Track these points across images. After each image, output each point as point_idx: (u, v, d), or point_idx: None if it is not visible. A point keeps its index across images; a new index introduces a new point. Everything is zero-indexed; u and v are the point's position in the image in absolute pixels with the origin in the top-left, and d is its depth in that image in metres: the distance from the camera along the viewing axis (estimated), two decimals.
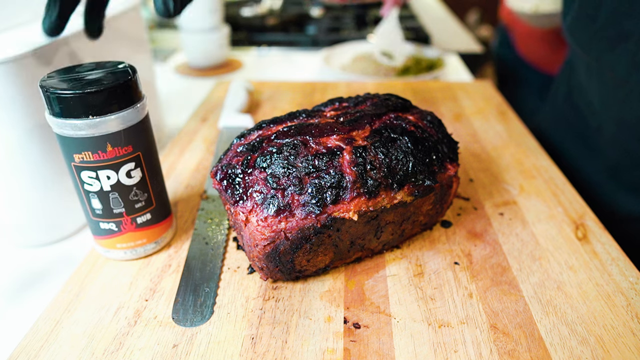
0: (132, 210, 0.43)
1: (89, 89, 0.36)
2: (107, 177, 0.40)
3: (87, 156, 0.39)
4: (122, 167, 0.40)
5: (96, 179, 0.40)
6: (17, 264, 0.50)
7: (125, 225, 0.43)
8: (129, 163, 0.40)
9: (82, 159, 0.39)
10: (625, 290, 0.41)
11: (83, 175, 0.40)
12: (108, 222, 0.43)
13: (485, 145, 0.67)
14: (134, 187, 0.42)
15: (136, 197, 0.42)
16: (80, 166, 0.39)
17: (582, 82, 0.72)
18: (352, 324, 0.39)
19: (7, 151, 0.46)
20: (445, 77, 1.02)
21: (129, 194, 0.42)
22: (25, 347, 0.37)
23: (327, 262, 0.43)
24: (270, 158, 0.39)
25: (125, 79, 0.38)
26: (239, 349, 0.37)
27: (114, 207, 0.42)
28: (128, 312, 0.40)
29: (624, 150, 0.64)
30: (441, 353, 0.36)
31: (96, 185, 0.40)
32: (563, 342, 0.37)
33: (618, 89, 0.62)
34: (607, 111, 0.66)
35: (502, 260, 0.45)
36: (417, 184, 0.41)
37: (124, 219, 0.43)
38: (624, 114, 0.62)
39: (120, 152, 0.39)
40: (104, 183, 0.40)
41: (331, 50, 1.12)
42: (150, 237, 0.45)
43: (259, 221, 0.38)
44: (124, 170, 0.40)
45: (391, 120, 0.44)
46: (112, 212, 0.42)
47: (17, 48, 0.43)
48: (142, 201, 0.43)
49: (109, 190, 0.41)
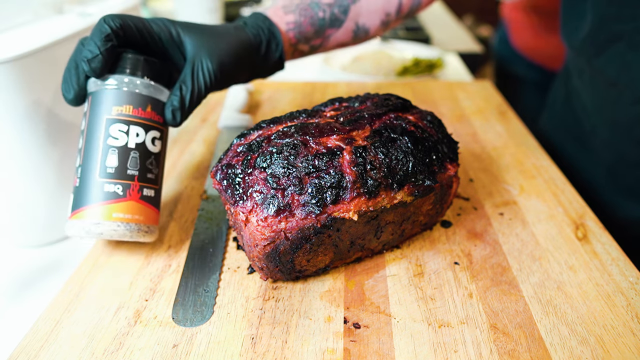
0: (143, 178, 0.43)
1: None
2: (136, 134, 0.43)
3: (127, 109, 0.42)
4: (150, 131, 0.44)
5: (126, 133, 0.42)
6: (17, 264, 0.50)
7: (132, 192, 0.43)
8: (157, 131, 0.44)
9: (120, 111, 0.42)
10: (625, 290, 0.41)
11: (112, 129, 0.42)
12: (116, 183, 0.42)
13: (485, 145, 0.67)
14: (152, 155, 0.44)
15: (151, 166, 0.44)
16: (115, 118, 0.42)
17: (577, 85, 0.72)
18: (352, 324, 0.39)
19: (7, 151, 0.46)
20: (445, 77, 1.02)
21: (147, 160, 0.44)
22: (25, 347, 0.37)
23: (327, 262, 0.43)
24: (270, 158, 0.39)
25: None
26: (239, 349, 0.37)
27: (130, 167, 0.42)
28: (128, 312, 0.40)
29: (618, 153, 0.64)
30: (441, 353, 0.36)
31: (122, 139, 0.42)
32: (563, 342, 0.37)
33: (609, 91, 0.62)
34: (600, 114, 0.66)
35: (502, 260, 0.45)
36: (417, 184, 0.41)
37: (134, 184, 0.43)
38: (616, 117, 0.62)
39: (155, 117, 0.44)
40: (131, 138, 0.42)
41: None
42: (146, 217, 0.44)
43: (259, 221, 0.38)
44: (151, 135, 0.44)
45: (391, 120, 0.44)
46: (125, 173, 0.42)
47: (17, 48, 0.43)
48: (154, 174, 0.45)
49: (133, 147, 0.43)
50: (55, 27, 0.50)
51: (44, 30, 0.49)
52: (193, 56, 0.45)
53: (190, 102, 0.45)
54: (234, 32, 0.48)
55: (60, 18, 0.54)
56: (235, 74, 0.48)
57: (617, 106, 0.61)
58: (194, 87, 0.45)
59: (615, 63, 0.59)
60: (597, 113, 0.67)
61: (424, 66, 1.02)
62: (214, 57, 0.45)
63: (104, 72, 0.42)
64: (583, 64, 0.68)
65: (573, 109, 0.75)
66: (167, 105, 0.45)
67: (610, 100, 0.62)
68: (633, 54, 0.56)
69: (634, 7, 0.55)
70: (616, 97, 0.61)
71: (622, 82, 0.59)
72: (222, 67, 0.46)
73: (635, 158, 0.61)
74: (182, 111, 0.45)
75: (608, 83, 0.61)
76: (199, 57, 0.45)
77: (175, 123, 0.45)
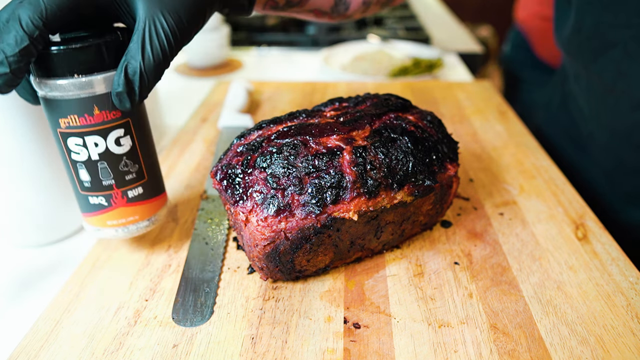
0: (122, 183, 0.40)
1: (75, 45, 0.34)
2: (94, 144, 0.37)
3: (73, 120, 0.36)
4: (110, 133, 0.38)
5: (83, 146, 0.37)
6: (17, 264, 0.50)
7: (116, 199, 0.40)
8: (118, 129, 0.38)
9: (68, 123, 0.36)
10: (625, 290, 0.41)
11: (69, 143, 0.37)
12: (97, 195, 0.40)
13: (485, 145, 0.67)
14: (123, 157, 0.39)
15: (126, 167, 0.40)
16: (66, 132, 0.37)
17: (573, 89, 0.72)
18: (352, 324, 0.39)
19: (7, 151, 0.46)
20: (445, 77, 1.02)
21: (119, 163, 0.39)
22: (25, 347, 0.37)
23: (327, 262, 0.43)
24: (270, 158, 0.39)
25: (113, 37, 0.35)
26: (239, 349, 0.37)
27: (103, 179, 0.39)
28: (128, 312, 0.40)
29: (617, 159, 0.64)
30: (441, 353, 0.36)
31: (83, 153, 0.38)
32: (563, 342, 0.37)
33: (607, 97, 0.62)
34: (597, 119, 0.66)
35: (502, 260, 0.45)
36: (417, 184, 0.41)
37: (114, 192, 0.40)
38: (614, 124, 0.62)
39: (109, 116, 0.37)
40: (91, 151, 0.38)
41: (331, 50, 1.12)
42: (142, 213, 0.42)
43: (259, 221, 0.38)
44: (112, 137, 0.38)
45: (391, 120, 0.44)
46: (101, 184, 0.39)
47: None
48: (133, 173, 0.40)
49: (97, 159, 0.38)
50: None
51: None
52: (144, 16, 0.35)
53: (141, 78, 0.35)
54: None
55: None
56: (202, 14, 0.38)
57: (615, 112, 0.61)
58: (146, 59, 0.34)
59: (611, 70, 0.59)
60: (594, 118, 0.67)
61: (424, 66, 1.02)
62: (171, 5, 0.35)
63: (13, 89, 0.33)
64: (579, 69, 0.68)
65: (569, 112, 0.75)
66: (113, 89, 0.35)
67: (608, 106, 0.62)
68: (629, 61, 0.56)
69: (629, 15, 0.55)
70: (614, 103, 0.61)
71: (619, 88, 0.58)
72: (186, 15, 0.36)
73: (634, 164, 0.61)
74: (132, 94, 0.35)
75: (605, 89, 0.61)
76: (150, 15, 0.35)
77: (126, 109, 0.36)
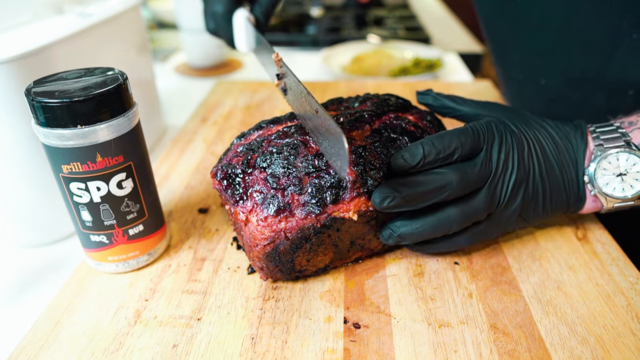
0: (123, 222, 0.41)
1: (77, 97, 0.34)
2: (97, 188, 0.38)
3: (76, 167, 0.37)
4: (112, 178, 0.39)
5: (85, 190, 0.38)
6: (17, 264, 0.50)
7: (117, 238, 0.42)
8: (120, 173, 0.39)
9: (70, 169, 0.37)
10: (625, 290, 0.41)
11: (72, 187, 0.39)
12: (99, 234, 0.41)
13: None
14: (125, 198, 0.40)
15: (128, 208, 0.41)
16: (68, 177, 0.38)
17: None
18: (352, 324, 0.39)
19: (6, 152, 0.46)
20: (445, 77, 1.02)
21: (120, 205, 0.40)
22: (25, 347, 0.37)
23: (327, 262, 0.43)
24: (270, 158, 0.39)
25: (114, 86, 0.36)
26: (239, 349, 0.37)
27: (105, 219, 0.40)
28: (128, 312, 0.40)
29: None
30: (441, 353, 0.36)
31: (86, 196, 0.39)
32: (563, 342, 0.37)
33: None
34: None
35: (502, 260, 0.45)
36: None
37: (115, 231, 0.41)
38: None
39: (111, 162, 0.38)
40: (93, 194, 0.39)
41: (331, 50, 1.12)
42: (142, 248, 0.44)
43: (259, 221, 0.38)
44: (114, 181, 0.39)
45: (391, 120, 0.44)
46: (102, 225, 0.41)
47: (17, 48, 0.43)
48: (134, 212, 0.42)
49: (99, 202, 0.39)
50: (55, 27, 0.50)
51: (44, 30, 0.49)
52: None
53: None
54: None
55: (60, 18, 0.54)
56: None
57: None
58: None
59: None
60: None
61: (424, 66, 1.02)
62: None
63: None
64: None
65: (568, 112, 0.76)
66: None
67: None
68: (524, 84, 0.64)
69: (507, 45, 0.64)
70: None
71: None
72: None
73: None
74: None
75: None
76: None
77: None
